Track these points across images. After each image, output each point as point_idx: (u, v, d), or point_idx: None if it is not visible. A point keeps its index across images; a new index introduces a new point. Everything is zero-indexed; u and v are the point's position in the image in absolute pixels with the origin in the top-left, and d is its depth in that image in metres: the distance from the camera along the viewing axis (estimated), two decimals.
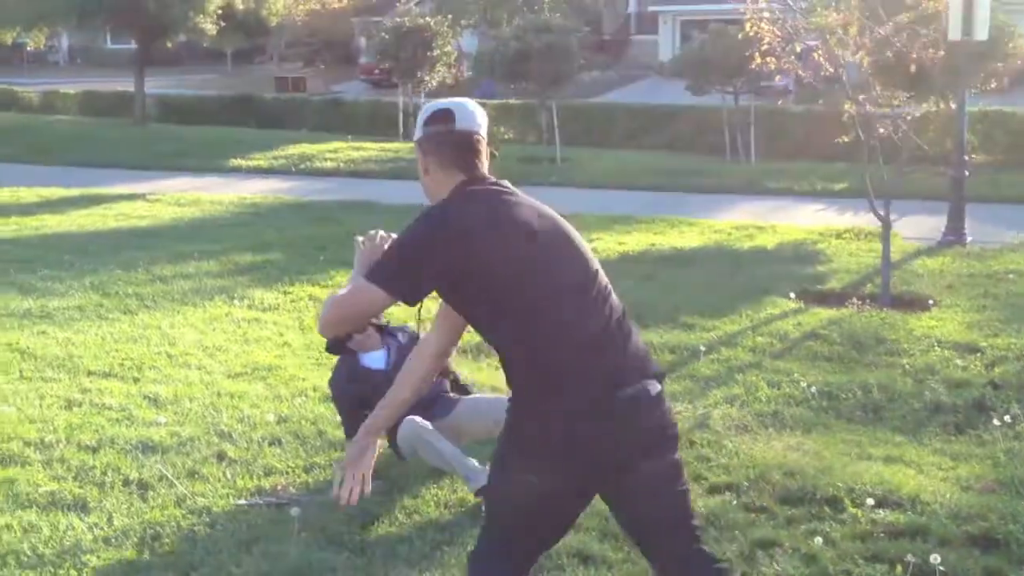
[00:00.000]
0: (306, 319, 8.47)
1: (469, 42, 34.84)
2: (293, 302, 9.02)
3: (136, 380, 6.63)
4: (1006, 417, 5.95)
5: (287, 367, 6.97)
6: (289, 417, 5.87)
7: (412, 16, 22.86)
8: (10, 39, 28.46)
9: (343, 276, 9.85)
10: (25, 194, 15.94)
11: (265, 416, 5.87)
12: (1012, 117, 18.13)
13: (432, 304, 3.09)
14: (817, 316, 8.59)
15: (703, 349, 7.41)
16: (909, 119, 9.00)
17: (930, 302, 9.09)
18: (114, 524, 4.51)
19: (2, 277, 9.63)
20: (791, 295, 9.27)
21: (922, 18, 9.60)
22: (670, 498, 2.96)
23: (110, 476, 5.00)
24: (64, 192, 16.11)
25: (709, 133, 20.29)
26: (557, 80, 18.99)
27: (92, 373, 6.74)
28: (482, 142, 3.08)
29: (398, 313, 5.59)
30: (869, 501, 4.73)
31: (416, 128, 3.15)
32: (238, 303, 8.89)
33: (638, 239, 12.24)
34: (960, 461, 5.45)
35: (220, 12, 25.48)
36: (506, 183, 3.07)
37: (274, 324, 8.28)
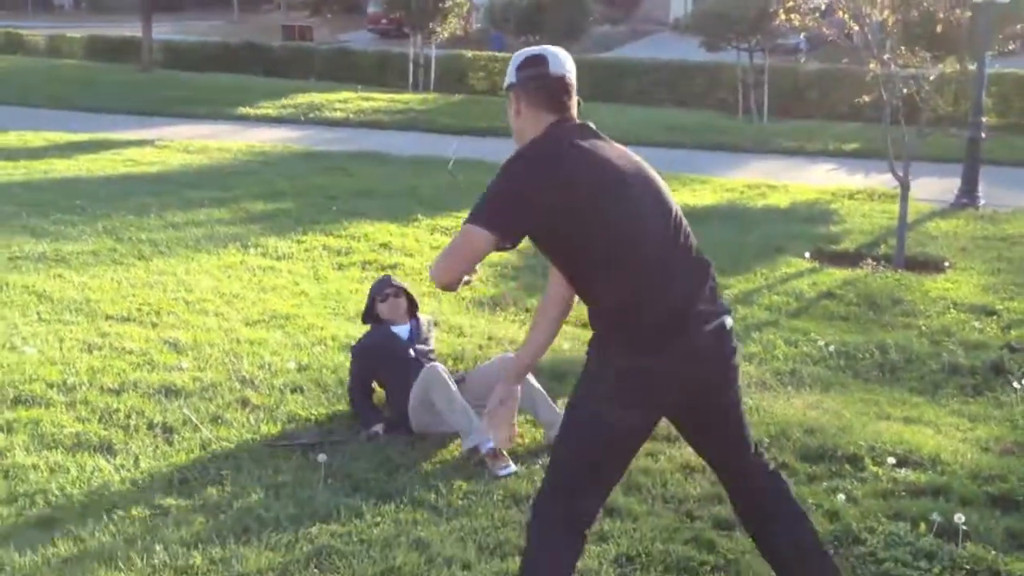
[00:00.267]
0: (321, 269, 8.46)
1: None
2: (307, 251, 9.01)
3: (154, 325, 6.64)
4: (1023, 380, 5.97)
5: (305, 316, 6.97)
6: (309, 365, 5.88)
7: None
8: None
9: (356, 227, 9.85)
10: (32, 138, 15.87)
11: (286, 364, 5.88)
12: None
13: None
14: (832, 276, 8.59)
15: None
16: (932, 80, 8.93)
17: (945, 264, 9.09)
18: (140, 467, 4.54)
19: (15, 221, 9.61)
20: (806, 255, 9.27)
21: None
22: (736, 419, 3.24)
23: (134, 419, 5.02)
24: (72, 137, 16.04)
25: (721, 90, 20.15)
26: (571, 33, 18.84)
27: (110, 317, 6.74)
28: (572, 86, 3.18)
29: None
30: (890, 460, 4.74)
31: (508, 74, 3.25)
32: (252, 251, 8.88)
33: None
34: (978, 422, 5.47)
35: None
36: (592, 124, 3.16)
37: (289, 273, 8.27)
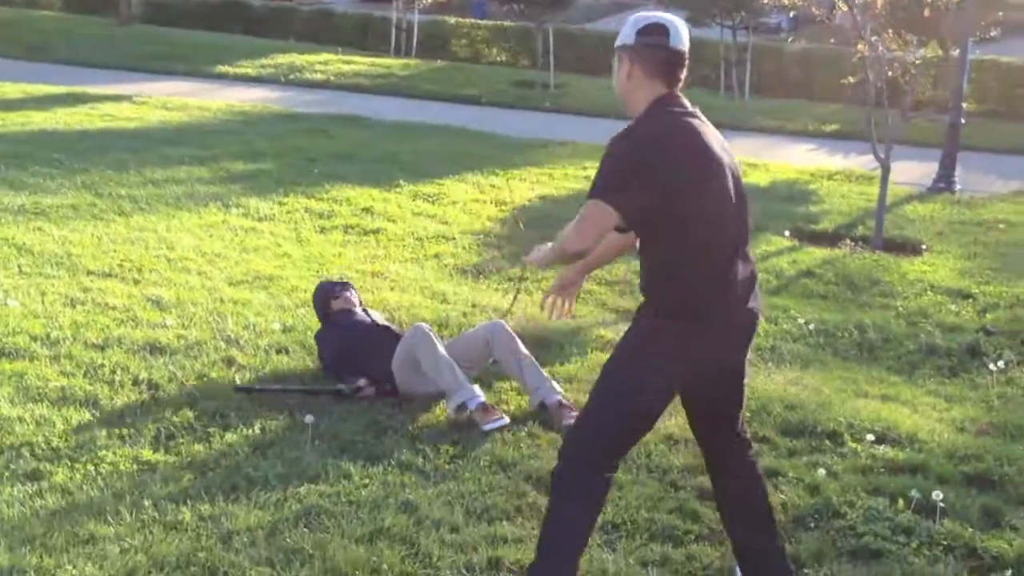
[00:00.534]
0: (303, 231, 8.44)
1: None
2: (289, 213, 8.97)
3: (137, 282, 6.60)
4: (999, 363, 6.07)
5: (288, 277, 6.96)
6: (295, 327, 5.88)
7: None
8: None
9: (338, 191, 9.83)
10: (9, 89, 15.62)
11: (271, 325, 5.88)
12: (1006, 67, 18.13)
13: None
14: (811, 255, 8.67)
15: None
16: (918, 63, 8.99)
17: (922, 247, 9.19)
18: (127, 422, 4.53)
19: None
20: (785, 233, 9.34)
21: None
22: (739, 387, 3.49)
23: (119, 375, 5.00)
24: (49, 89, 15.80)
25: (704, 66, 20.16)
26: (556, 2, 18.75)
27: (92, 273, 6.70)
28: (687, 61, 3.32)
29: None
30: (869, 437, 4.82)
31: (624, 34, 3.33)
32: (233, 211, 8.83)
33: None
34: (954, 403, 5.56)
35: None
36: (690, 106, 3.31)
37: (271, 234, 8.24)
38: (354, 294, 5.69)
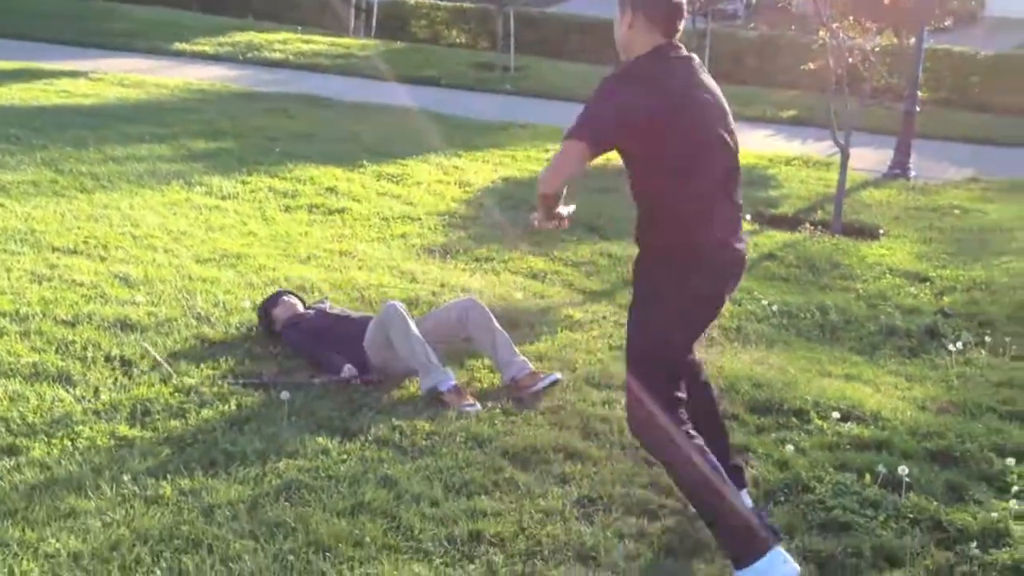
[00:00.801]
0: (267, 210, 8.41)
1: None
2: (252, 192, 8.92)
3: (103, 259, 6.55)
4: (957, 344, 6.22)
5: (255, 256, 6.94)
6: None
7: None
8: None
9: (301, 170, 9.78)
10: None
11: (241, 303, 5.87)
12: (959, 56, 18.40)
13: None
14: (772, 239, 8.80)
15: None
16: (877, 51, 9.12)
17: (879, 231, 9.36)
18: (101, 398, 4.52)
19: None
20: (746, 217, 9.44)
21: None
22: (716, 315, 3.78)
23: (91, 351, 4.98)
24: (3, 64, 15.50)
25: None
26: None
27: (57, 249, 6.63)
28: (684, 15, 3.51)
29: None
30: (834, 415, 4.93)
31: None
32: (197, 189, 8.77)
33: None
34: (915, 382, 5.69)
35: None
36: (687, 54, 3.50)
37: (235, 213, 8.20)
38: (291, 298, 5.60)
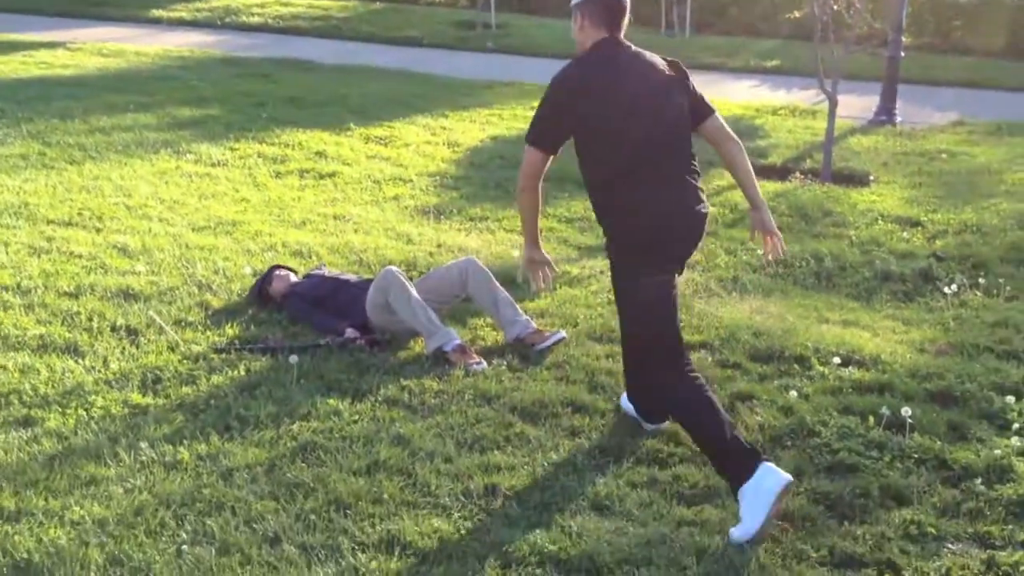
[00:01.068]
0: (258, 176, 8.39)
1: None
2: (242, 159, 8.90)
3: (99, 230, 6.56)
4: (952, 286, 6.28)
5: (250, 222, 6.95)
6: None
7: None
8: None
9: (289, 135, 9.76)
10: None
11: (241, 269, 5.89)
12: (941, 0, 18.37)
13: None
14: (763, 188, 8.63)
15: None
16: None
17: (869, 178, 9.39)
18: (111, 368, 4.55)
19: None
20: None
21: None
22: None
23: (96, 322, 5.00)
24: None
25: (643, 4, 20.16)
26: None
27: (52, 222, 6.63)
28: (627, 9, 3.90)
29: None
30: (835, 360, 5.00)
31: None
32: (186, 157, 8.75)
33: None
34: (912, 326, 5.76)
35: None
36: (630, 46, 3.89)
37: (227, 180, 8.19)
38: (283, 271, 5.59)
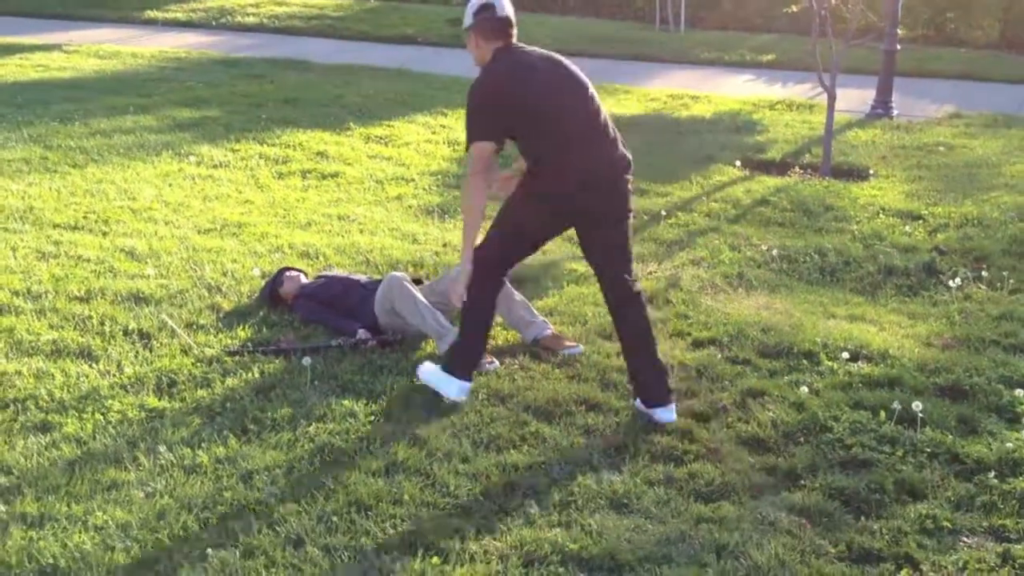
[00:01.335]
0: (261, 177, 8.40)
1: None
2: (243, 160, 8.91)
3: (105, 233, 6.57)
4: (956, 280, 6.32)
5: (256, 224, 6.97)
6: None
7: None
8: None
9: (290, 136, 9.77)
10: None
11: (249, 271, 5.90)
12: None
13: None
14: (764, 184, 8.86)
15: (664, 214, 7.62)
16: None
17: (868, 172, 9.43)
18: (125, 372, 4.57)
19: None
20: (736, 163, 9.51)
21: None
22: (619, 237, 4.47)
23: (108, 326, 5.02)
24: None
25: (637, 0, 20.20)
26: None
27: (58, 226, 6.64)
28: (513, 20, 4.40)
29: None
30: (843, 355, 5.03)
31: (466, 19, 4.42)
32: (188, 160, 8.76)
33: None
34: (918, 320, 5.79)
35: None
36: (523, 46, 4.43)
37: (230, 182, 8.20)
38: (293, 272, 5.60)
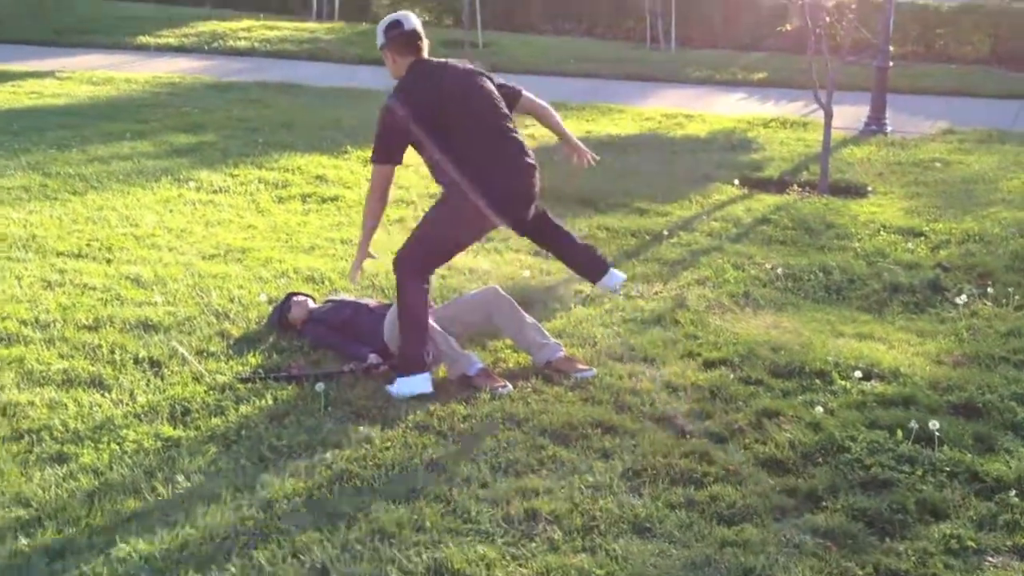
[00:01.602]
0: (261, 202, 8.39)
1: None
2: (243, 184, 8.90)
3: (109, 261, 6.54)
4: (961, 296, 6.33)
5: (260, 249, 6.95)
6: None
7: None
8: None
9: (288, 160, 9.77)
10: None
11: (256, 297, 5.89)
12: (923, 9, 18.54)
13: None
14: (763, 202, 8.88)
15: (666, 233, 7.62)
16: (854, 7, 9.19)
17: (867, 189, 9.46)
18: (138, 400, 4.54)
19: None
20: (735, 182, 9.53)
21: None
22: (544, 216, 5.13)
23: (118, 354, 4.99)
24: None
25: (628, 19, 20.28)
26: None
27: (62, 254, 6.62)
28: (422, 35, 4.82)
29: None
30: (856, 374, 5.03)
31: (378, 39, 4.83)
32: (187, 185, 8.74)
33: (574, 126, 12.27)
34: (926, 337, 5.80)
35: None
36: (434, 60, 4.86)
37: (230, 207, 8.19)
38: (300, 297, 5.60)
